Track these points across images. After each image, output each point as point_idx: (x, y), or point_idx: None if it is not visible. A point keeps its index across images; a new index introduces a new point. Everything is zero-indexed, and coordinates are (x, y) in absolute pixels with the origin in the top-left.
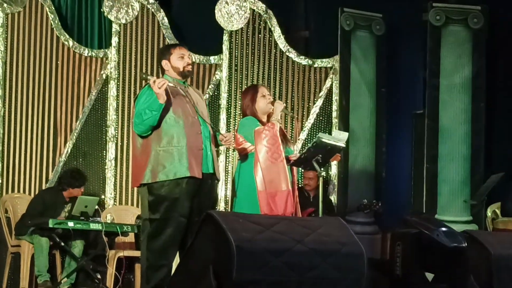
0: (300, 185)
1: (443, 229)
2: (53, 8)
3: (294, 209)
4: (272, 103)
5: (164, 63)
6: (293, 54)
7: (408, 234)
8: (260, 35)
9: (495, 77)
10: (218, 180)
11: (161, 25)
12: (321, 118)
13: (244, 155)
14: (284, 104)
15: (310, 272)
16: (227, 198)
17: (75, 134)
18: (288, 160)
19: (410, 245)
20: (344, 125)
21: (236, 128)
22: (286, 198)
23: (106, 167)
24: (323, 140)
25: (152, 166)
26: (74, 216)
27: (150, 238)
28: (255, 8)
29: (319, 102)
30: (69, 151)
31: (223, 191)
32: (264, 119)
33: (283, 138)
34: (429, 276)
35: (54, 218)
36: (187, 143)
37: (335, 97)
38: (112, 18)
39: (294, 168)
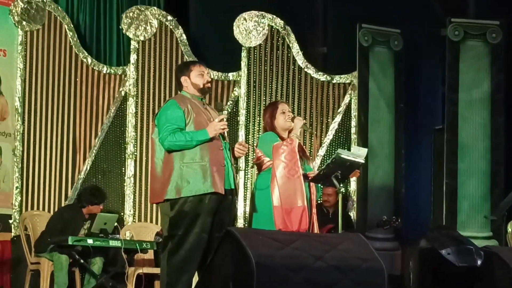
0: (319, 201)
1: (458, 247)
2: (72, 26)
3: (308, 226)
4: (293, 119)
5: (184, 79)
6: (311, 70)
7: (420, 250)
8: (278, 52)
9: None
10: (236, 196)
11: (179, 42)
12: (340, 134)
13: (262, 170)
14: (304, 121)
15: None
16: (246, 215)
17: (94, 151)
18: (306, 176)
19: (421, 261)
20: (363, 141)
21: (254, 144)
22: (301, 214)
23: (125, 184)
24: (342, 156)
25: (176, 182)
26: (94, 233)
27: (170, 254)
28: (273, 24)
29: (338, 118)
30: (88, 168)
31: (242, 207)
32: (285, 135)
33: (302, 154)
34: None
35: (74, 235)
36: (210, 159)
37: (354, 113)
38: (131, 35)
39: (313, 185)
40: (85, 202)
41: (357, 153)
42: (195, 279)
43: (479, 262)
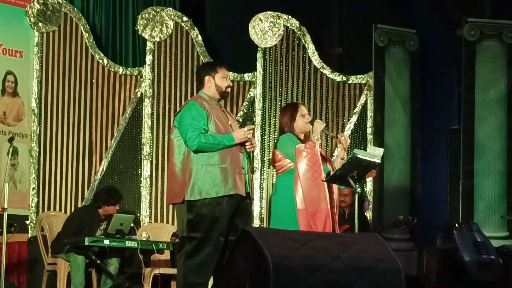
0: None
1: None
2: (88, 27)
3: (332, 229)
4: (311, 122)
5: (208, 79)
6: (327, 71)
7: (443, 251)
8: (294, 52)
9: None
10: (253, 199)
11: (195, 42)
12: (356, 134)
13: (282, 172)
14: (324, 124)
15: None
16: (262, 215)
17: (110, 152)
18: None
19: (444, 262)
20: (379, 141)
21: (270, 145)
22: (325, 217)
23: (142, 185)
24: (359, 156)
25: (195, 183)
26: (110, 234)
27: (188, 256)
28: (288, 25)
29: (354, 119)
30: (104, 169)
31: (258, 208)
32: (301, 137)
33: (322, 157)
34: None
35: (90, 236)
36: (231, 161)
37: (370, 113)
38: (146, 37)
39: (335, 186)
40: (101, 202)
41: (373, 153)
42: (210, 281)
43: (497, 275)
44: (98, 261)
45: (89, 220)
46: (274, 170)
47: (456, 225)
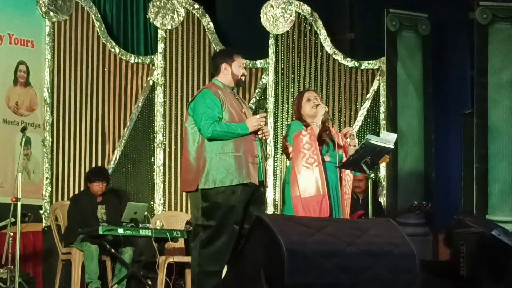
0: None
1: (500, 228)
2: (99, 16)
3: (331, 213)
4: (317, 106)
5: (224, 66)
6: (339, 57)
7: (471, 234)
8: (306, 38)
9: None
10: (267, 187)
11: (206, 30)
12: (369, 120)
13: (290, 159)
14: (326, 109)
15: (363, 274)
16: (276, 202)
17: (123, 141)
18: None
19: (474, 245)
20: (392, 127)
21: (283, 132)
22: (320, 202)
23: (155, 173)
24: (372, 141)
25: (209, 172)
26: (124, 222)
27: (203, 245)
28: (300, 11)
29: (367, 104)
30: (117, 158)
31: (272, 195)
32: (310, 122)
33: (330, 141)
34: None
35: (94, 219)
36: (245, 150)
37: (383, 99)
38: (158, 25)
39: (346, 172)
40: (87, 181)
41: (386, 139)
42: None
43: None
44: (113, 250)
45: (86, 204)
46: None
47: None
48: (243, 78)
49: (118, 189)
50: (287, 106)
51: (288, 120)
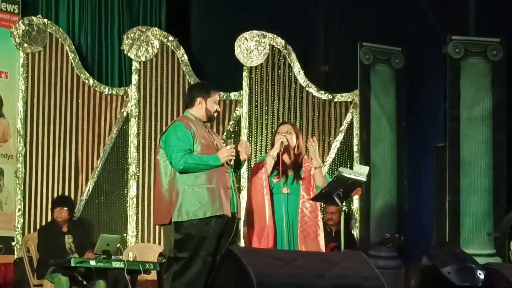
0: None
1: (459, 265)
2: (73, 47)
3: (275, 245)
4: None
5: (199, 100)
6: (313, 89)
7: (420, 268)
8: (279, 71)
9: None
10: (240, 219)
11: (181, 62)
12: (342, 152)
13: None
14: (281, 140)
15: None
16: None
17: (97, 172)
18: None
19: (422, 280)
20: (366, 159)
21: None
22: (264, 233)
23: (128, 205)
24: (344, 174)
25: (182, 204)
26: (96, 255)
27: (175, 276)
28: (274, 43)
29: (340, 137)
30: (90, 189)
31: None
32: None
33: (292, 174)
34: None
35: (62, 250)
36: (217, 182)
37: (356, 131)
38: (132, 56)
39: (304, 203)
40: (51, 209)
41: (358, 171)
42: None
43: (480, 281)
44: (85, 282)
45: (52, 234)
46: None
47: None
48: (215, 114)
49: (84, 218)
50: (260, 138)
51: (262, 152)
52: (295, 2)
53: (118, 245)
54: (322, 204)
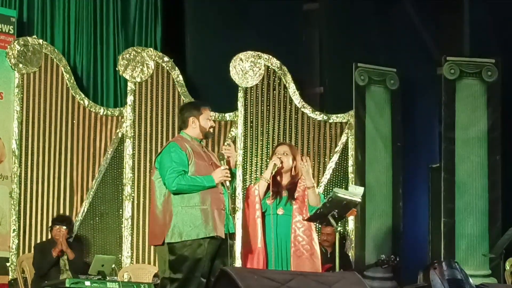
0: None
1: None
2: (69, 68)
3: (266, 266)
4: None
5: (192, 120)
6: (308, 110)
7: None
8: (275, 92)
9: (510, 130)
10: (235, 240)
11: (176, 82)
12: (337, 173)
13: None
14: (274, 163)
15: None
16: None
17: (92, 193)
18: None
19: None
20: (361, 180)
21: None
22: (255, 255)
23: (123, 225)
24: (339, 195)
25: (175, 225)
26: (91, 275)
27: None
28: (269, 64)
29: (335, 158)
30: (85, 210)
31: (240, 247)
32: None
33: (286, 195)
34: None
35: (55, 270)
36: (211, 203)
37: (351, 152)
38: (127, 77)
39: (296, 224)
40: (50, 229)
41: (353, 192)
42: None
43: None
44: None
45: (48, 252)
46: None
47: (435, 263)
48: (211, 130)
49: (81, 237)
50: (256, 159)
51: (257, 173)
52: (290, 23)
53: (113, 266)
54: (317, 225)
